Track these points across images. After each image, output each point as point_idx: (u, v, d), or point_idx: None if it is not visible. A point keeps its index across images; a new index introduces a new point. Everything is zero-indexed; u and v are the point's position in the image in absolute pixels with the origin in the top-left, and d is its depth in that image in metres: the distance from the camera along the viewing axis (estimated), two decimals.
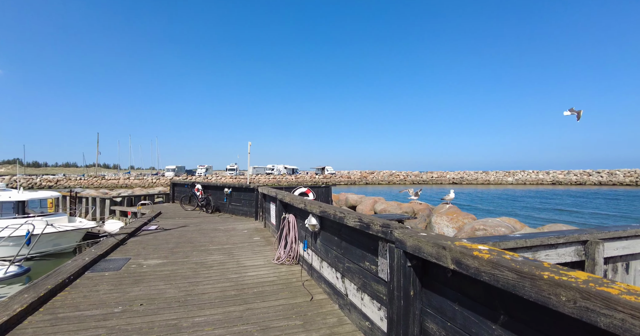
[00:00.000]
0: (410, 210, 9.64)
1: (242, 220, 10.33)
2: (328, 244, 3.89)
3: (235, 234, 7.92)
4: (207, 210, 12.22)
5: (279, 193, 6.14)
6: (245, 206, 11.00)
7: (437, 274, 2.09)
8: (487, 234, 6.25)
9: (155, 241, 7.12)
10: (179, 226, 8.98)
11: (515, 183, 65.51)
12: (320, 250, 4.18)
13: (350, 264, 3.27)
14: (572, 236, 2.45)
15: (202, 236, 7.70)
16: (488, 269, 1.51)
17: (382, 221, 2.50)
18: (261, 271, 4.91)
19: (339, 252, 3.57)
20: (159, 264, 5.32)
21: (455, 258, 1.70)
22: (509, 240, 2.25)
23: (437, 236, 2.02)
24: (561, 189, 52.87)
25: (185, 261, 5.51)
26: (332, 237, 3.77)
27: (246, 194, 10.92)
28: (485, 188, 56.25)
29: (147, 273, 4.81)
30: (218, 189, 12.53)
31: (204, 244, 6.77)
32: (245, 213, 10.94)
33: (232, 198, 11.68)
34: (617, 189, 51.74)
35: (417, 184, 64.13)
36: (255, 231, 8.36)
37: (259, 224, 9.44)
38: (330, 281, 3.84)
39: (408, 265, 2.17)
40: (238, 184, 11.56)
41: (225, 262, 5.44)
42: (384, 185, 63.78)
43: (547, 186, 61.03)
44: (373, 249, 2.81)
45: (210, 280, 4.55)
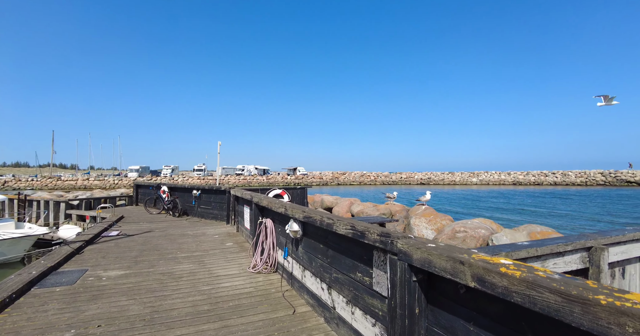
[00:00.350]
0: (388, 212, 9.55)
1: (213, 224, 9.79)
2: (312, 252, 3.61)
3: (206, 240, 7.43)
4: (174, 214, 11.52)
5: (254, 196, 5.77)
6: (215, 209, 10.47)
7: (445, 289, 1.87)
8: (468, 236, 6.24)
9: (117, 248, 6.50)
10: (144, 232, 8.33)
11: (479, 183, 68.33)
12: (302, 258, 3.89)
13: (339, 275, 3.00)
14: (578, 242, 2.35)
15: (170, 242, 7.15)
16: (521, 290, 1.30)
17: (380, 229, 2.26)
18: (236, 282, 4.53)
19: (325, 261, 3.30)
20: (120, 275, 4.79)
21: (477, 275, 1.48)
22: (520, 249, 2.09)
23: (449, 247, 1.80)
24: (521, 189, 55.74)
25: (150, 271, 5.01)
26: (317, 244, 3.49)
27: (217, 197, 10.39)
28: (452, 188, 58.21)
29: (106, 287, 4.29)
30: (186, 191, 11.87)
31: (171, 252, 6.26)
32: (216, 217, 10.40)
33: (201, 201, 11.09)
34: (569, 189, 55.26)
35: (387, 185, 65.28)
36: (228, 236, 7.90)
37: (231, 229, 8.97)
38: (314, 292, 3.56)
39: (413, 280, 1.94)
40: (207, 185, 10.99)
41: (196, 272, 5.00)
42: (355, 186, 64.31)
43: (509, 186, 64.14)
44: (366, 259, 2.57)
45: (179, 292, 4.12)
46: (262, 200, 5.24)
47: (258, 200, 5.44)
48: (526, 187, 61.03)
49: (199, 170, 70.04)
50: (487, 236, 6.27)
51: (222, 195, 10.05)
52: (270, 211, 5.07)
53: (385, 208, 9.73)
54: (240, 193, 7.46)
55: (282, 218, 4.58)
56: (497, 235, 5.97)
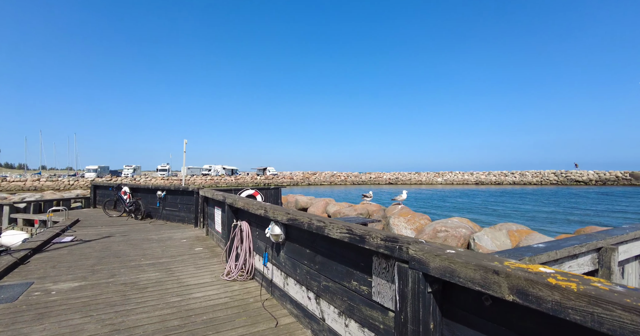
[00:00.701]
0: (365, 212, 9.40)
1: (180, 227, 9.17)
2: (297, 257, 3.30)
3: (173, 245, 6.87)
4: (136, 216, 10.72)
5: (228, 197, 5.35)
6: (182, 211, 9.83)
7: (465, 301, 1.64)
8: (449, 235, 6.18)
9: (71, 256, 5.82)
10: (102, 237, 7.59)
11: (444, 183, 70.80)
12: (284, 264, 3.56)
13: (329, 283, 2.72)
14: (591, 243, 2.23)
15: (132, 248, 6.53)
16: (581, 306, 1.08)
17: (385, 233, 2.00)
18: (209, 291, 4.11)
19: (312, 268, 3.00)
20: (74, 288, 4.21)
21: (518, 287, 1.25)
22: (541, 253, 1.91)
23: (472, 254, 1.56)
24: (483, 188, 58.34)
25: (110, 282, 4.46)
26: (302, 249, 3.18)
27: (184, 198, 9.76)
28: (418, 188, 59.84)
29: (56, 303, 3.72)
30: (150, 192, 11.09)
31: (134, 259, 5.68)
32: (183, 219, 9.77)
33: (167, 202, 10.39)
34: (526, 188, 58.59)
35: (357, 185, 65.94)
36: (197, 241, 7.37)
37: (199, 232, 8.42)
38: (298, 302, 3.25)
39: (428, 291, 1.69)
40: (174, 186, 10.31)
41: (163, 281, 4.52)
42: (326, 186, 64.36)
43: (472, 185, 66.94)
44: (364, 266, 2.31)
45: (144, 306, 3.65)
46: (237, 201, 4.85)
47: (232, 201, 5.04)
48: (488, 186, 63.95)
49: (163, 170, 67.05)
50: (468, 235, 6.25)
51: (190, 196, 9.45)
52: (246, 213, 4.69)
53: (362, 207, 9.57)
54: (211, 193, 6.97)
55: (260, 220, 4.23)
56: (478, 234, 5.96)
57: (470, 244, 6.03)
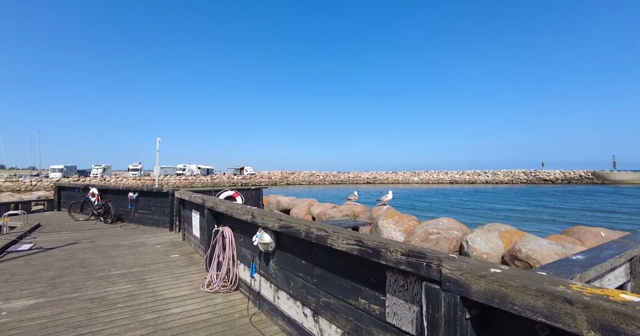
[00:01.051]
0: (351, 213, 9.11)
1: (153, 232, 8.58)
2: (290, 269, 2.96)
3: (146, 252, 6.34)
4: (105, 220, 9.98)
5: (208, 200, 4.92)
6: (156, 214, 9.22)
7: (510, 328, 1.38)
8: (441, 238, 6.00)
9: (28, 268, 5.20)
10: (67, 244, 6.93)
11: (420, 182, 72.10)
12: (275, 276, 3.22)
13: (331, 300, 2.41)
14: (627, 253, 2.05)
15: (100, 256, 5.95)
16: None
17: (406, 246, 1.71)
18: (189, 306, 3.70)
19: (309, 281, 2.68)
20: (30, 307, 3.68)
21: (604, 323, 0.99)
22: (588, 268, 1.69)
23: (526, 275, 1.30)
24: (457, 187, 59.85)
25: (74, 297, 3.95)
26: (296, 260, 2.85)
27: (158, 200, 9.15)
28: (395, 187, 60.64)
29: (6, 327, 3.20)
30: (120, 194, 10.37)
31: (103, 269, 5.14)
32: (157, 223, 9.16)
33: (139, 204, 9.73)
34: (498, 186, 60.63)
35: (336, 184, 65.95)
36: (172, 246, 6.86)
37: (175, 237, 7.88)
38: (292, 318, 2.92)
39: (466, 317, 1.42)
40: (147, 187, 9.66)
41: (136, 294, 4.05)
42: (304, 185, 63.94)
43: (446, 185, 68.51)
44: (375, 282, 2.02)
45: (114, 326, 3.20)
46: (218, 205, 4.44)
47: (213, 205, 4.62)
48: (462, 186, 65.65)
49: (135, 170, 64.30)
50: (460, 237, 6.11)
51: (165, 198, 8.87)
52: (229, 218, 4.30)
53: (348, 209, 9.31)
54: (188, 195, 6.49)
55: (246, 226, 3.86)
56: (470, 236, 5.82)
57: (463, 246, 5.90)
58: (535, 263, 4.53)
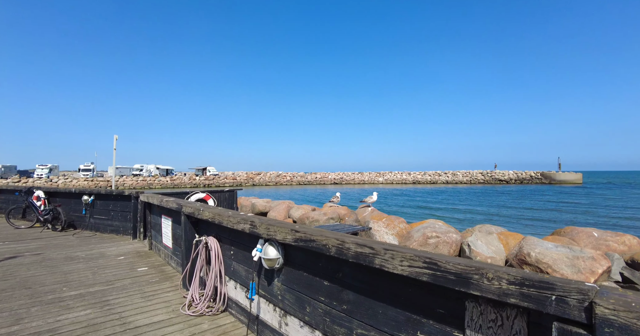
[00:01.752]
0: (336, 216, 8.58)
1: (114, 240, 7.58)
2: (305, 291, 2.43)
3: (108, 265, 5.46)
4: (54, 227, 8.74)
5: (186, 205, 4.22)
6: (116, 219, 8.19)
7: None
8: (441, 242, 5.68)
9: None
10: (4, 258, 5.83)
11: (385, 182, 73.53)
12: (282, 298, 2.66)
13: (371, 332, 1.91)
14: None
15: (49, 272, 5.00)
16: None
17: (517, 272, 1.25)
18: (170, 335, 3.03)
19: (336, 307, 2.16)
20: None
21: None
22: None
23: None
24: (420, 187, 61.65)
25: (14, 332, 3.12)
26: (315, 281, 2.33)
27: (118, 204, 8.14)
28: (361, 187, 61.30)
29: None
30: (72, 197, 9.16)
31: (53, 289, 4.26)
32: (117, 230, 8.14)
33: (96, 209, 8.62)
34: (457, 186, 63.31)
35: (303, 185, 65.40)
36: (138, 257, 6.01)
37: (140, 246, 6.98)
38: None
39: None
40: (105, 190, 8.58)
41: (99, 323, 3.29)
42: (271, 186, 62.74)
43: (410, 185, 70.39)
44: (445, 314, 1.56)
45: None
46: (201, 211, 3.77)
47: (193, 211, 3.94)
48: (424, 186, 67.75)
49: (87, 170, 59.51)
50: (459, 240, 5.86)
51: (127, 202, 7.89)
52: (215, 227, 3.66)
53: (332, 211, 8.81)
54: (158, 199, 5.68)
55: (238, 237, 3.26)
56: (471, 240, 5.56)
57: (463, 250, 5.63)
58: (547, 268, 4.35)
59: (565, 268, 4.23)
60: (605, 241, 5.62)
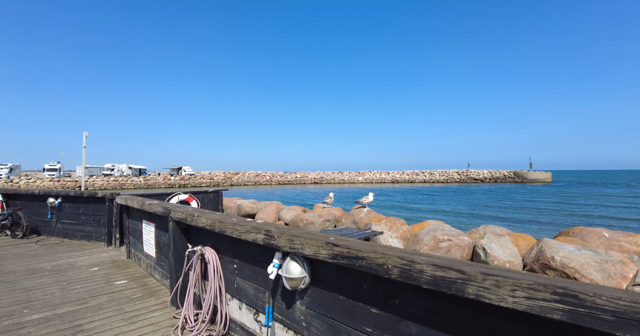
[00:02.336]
0: (332, 217, 8.06)
1: (85, 247, 6.79)
2: (343, 319, 1.94)
3: (79, 278, 4.74)
4: (14, 233, 7.79)
5: (175, 209, 3.62)
6: (88, 224, 7.37)
7: None
8: (453, 245, 5.31)
9: None
10: None
11: (365, 182, 73.87)
12: (307, 325, 2.16)
13: None
14: None
15: (6, 289, 4.25)
16: None
17: None
18: None
19: None
20: None
21: None
22: None
23: None
24: (398, 186, 62.31)
25: None
26: (358, 306, 1.85)
27: (90, 207, 7.33)
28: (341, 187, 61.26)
29: None
30: (36, 200, 8.21)
31: (10, 312, 3.55)
32: (89, 236, 7.32)
33: (64, 213, 7.75)
34: (435, 185, 64.45)
35: (283, 185, 64.54)
36: (115, 268, 5.31)
37: (116, 254, 6.25)
38: None
39: None
40: (75, 191, 7.72)
41: None
42: (250, 186, 61.46)
43: (388, 184, 71.04)
44: None
45: None
46: (195, 217, 3.21)
47: (185, 216, 3.36)
48: (402, 185, 68.56)
49: (52, 170, 56.04)
50: (471, 243, 5.53)
51: (100, 204, 7.10)
52: (212, 235, 3.11)
53: (327, 212, 8.31)
54: (138, 202, 5.00)
55: (246, 248, 2.73)
56: (484, 242, 5.21)
57: (477, 254, 5.28)
58: (574, 273, 4.07)
59: (595, 274, 3.97)
60: (618, 242, 5.47)
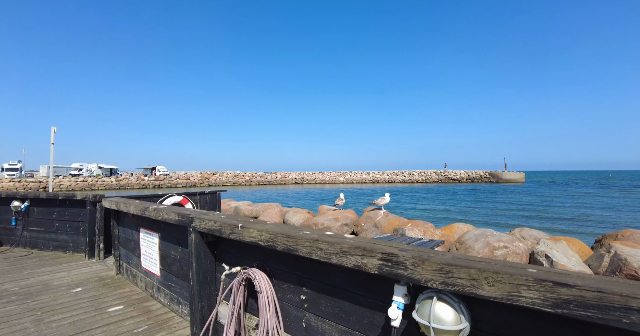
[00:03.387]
0: (350, 221, 7.25)
1: (61, 260, 5.66)
2: None
3: (57, 304, 3.71)
4: None
5: (201, 216, 2.72)
6: (63, 232, 6.23)
7: None
8: (510, 252, 4.64)
9: None
10: None
11: (346, 182, 73.58)
12: None
13: None
14: None
15: None
16: None
17: None
18: None
19: None
20: None
21: None
22: None
23: None
24: (379, 186, 62.45)
25: None
26: None
27: (66, 212, 6.18)
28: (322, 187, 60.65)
29: None
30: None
31: None
32: (65, 245, 6.18)
33: (32, 219, 6.54)
34: (414, 185, 65.09)
35: (263, 185, 63.09)
36: (103, 287, 4.29)
37: (102, 268, 5.20)
38: None
39: None
40: (47, 193, 6.53)
41: None
42: (229, 186, 59.55)
43: (369, 184, 71.12)
44: None
45: None
46: (238, 227, 2.33)
47: (220, 226, 2.47)
48: (382, 185, 68.82)
49: (12, 169, 52.04)
50: (527, 250, 4.91)
51: (79, 208, 5.98)
52: (265, 253, 2.27)
53: (344, 216, 7.44)
54: (138, 207, 3.99)
55: (327, 274, 1.91)
56: (544, 249, 4.58)
57: (537, 262, 4.66)
58: None
59: None
60: None
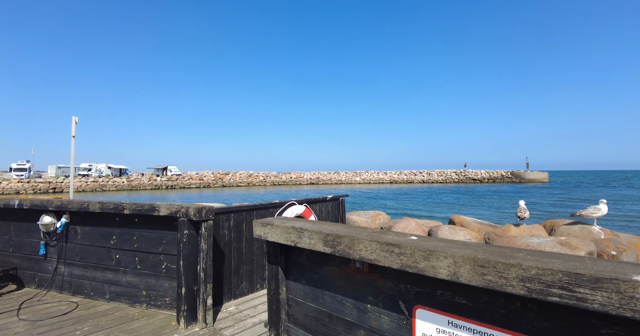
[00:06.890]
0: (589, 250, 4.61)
1: (127, 322, 3.06)
2: None
3: None
4: None
5: None
6: (129, 269, 3.63)
7: None
8: None
9: None
10: None
11: (362, 182, 70.96)
12: None
13: None
14: None
15: None
16: None
17: None
18: None
19: None
20: None
21: None
22: None
23: None
24: (396, 187, 59.78)
25: None
26: None
27: (133, 234, 3.59)
28: (339, 187, 58.10)
29: None
30: (14, 218, 4.36)
31: None
32: (132, 293, 3.57)
33: (74, 245, 3.95)
34: (434, 186, 62.38)
35: (278, 186, 60.58)
36: None
37: None
38: None
39: None
40: (101, 204, 3.93)
41: None
42: (243, 187, 57.15)
43: (387, 184, 68.45)
44: None
45: None
46: None
47: None
48: (401, 185, 66.12)
49: (21, 169, 49.90)
50: None
51: (159, 231, 3.39)
52: None
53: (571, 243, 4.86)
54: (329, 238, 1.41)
55: None
56: None
57: None
58: None
59: None
60: None
